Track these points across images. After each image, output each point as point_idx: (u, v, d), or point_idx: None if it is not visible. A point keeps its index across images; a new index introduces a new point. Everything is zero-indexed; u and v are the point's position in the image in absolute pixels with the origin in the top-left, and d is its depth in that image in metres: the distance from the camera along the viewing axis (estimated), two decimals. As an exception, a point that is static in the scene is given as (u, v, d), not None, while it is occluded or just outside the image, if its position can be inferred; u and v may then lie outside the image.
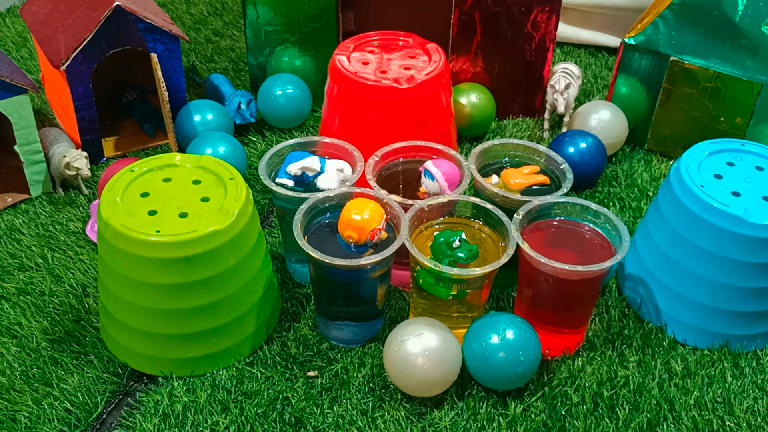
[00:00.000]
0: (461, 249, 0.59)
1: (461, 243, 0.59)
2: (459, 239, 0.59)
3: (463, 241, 0.59)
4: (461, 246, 0.59)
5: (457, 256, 0.59)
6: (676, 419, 0.59)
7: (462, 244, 0.59)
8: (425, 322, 0.60)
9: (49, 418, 0.58)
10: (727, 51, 0.80)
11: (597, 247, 0.63)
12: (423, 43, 0.80)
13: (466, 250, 0.59)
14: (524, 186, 0.67)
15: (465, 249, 0.59)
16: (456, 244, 0.59)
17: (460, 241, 0.59)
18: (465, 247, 0.59)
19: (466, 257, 0.59)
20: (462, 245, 0.59)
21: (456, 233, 0.60)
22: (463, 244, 0.59)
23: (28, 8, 0.87)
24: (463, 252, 0.59)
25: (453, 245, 0.59)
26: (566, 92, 0.86)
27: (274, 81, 0.88)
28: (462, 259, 0.59)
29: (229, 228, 0.58)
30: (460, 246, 0.59)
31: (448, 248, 0.59)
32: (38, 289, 0.69)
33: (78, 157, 0.77)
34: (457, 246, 0.59)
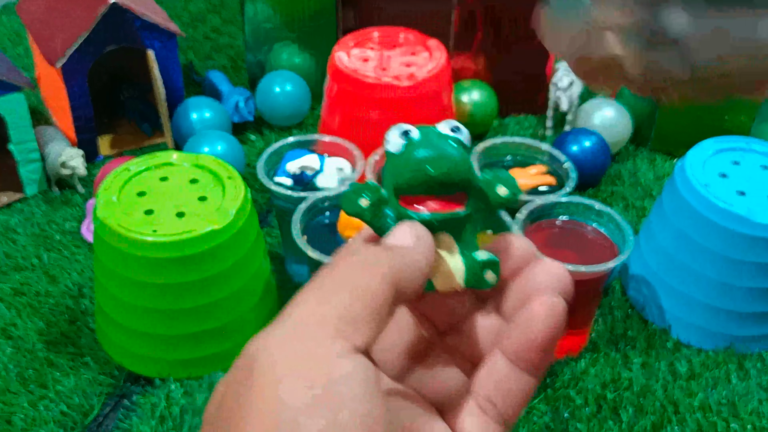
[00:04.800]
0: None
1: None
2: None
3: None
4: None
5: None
6: (680, 421, 0.59)
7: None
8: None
9: (45, 420, 0.58)
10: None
11: (600, 247, 0.62)
12: (424, 40, 0.79)
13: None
14: (531, 187, 0.67)
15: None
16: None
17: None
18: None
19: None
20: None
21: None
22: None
23: (24, 5, 0.86)
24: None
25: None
26: (569, 90, 0.85)
27: (273, 78, 0.87)
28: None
29: (227, 227, 0.57)
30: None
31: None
32: (33, 290, 0.68)
33: (74, 156, 0.76)
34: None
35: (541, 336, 0.24)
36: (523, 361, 0.25)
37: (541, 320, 0.24)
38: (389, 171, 0.26)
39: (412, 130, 0.26)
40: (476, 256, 0.25)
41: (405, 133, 0.26)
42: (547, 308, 0.24)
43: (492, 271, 0.25)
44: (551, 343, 0.25)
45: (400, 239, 0.24)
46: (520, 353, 0.25)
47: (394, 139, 0.26)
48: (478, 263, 0.25)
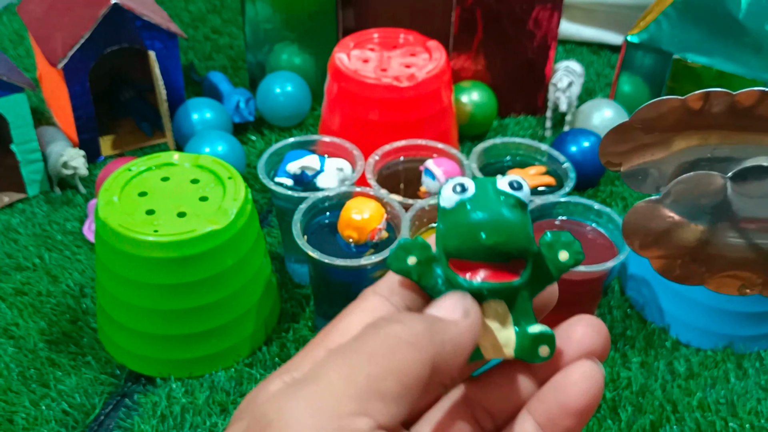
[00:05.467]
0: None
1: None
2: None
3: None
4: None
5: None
6: (679, 420, 0.59)
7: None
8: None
9: (46, 420, 0.58)
10: (731, 49, 0.80)
11: (600, 247, 0.62)
12: (424, 41, 0.80)
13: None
14: (530, 187, 0.67)
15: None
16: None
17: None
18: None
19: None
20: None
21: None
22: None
23: (25, 6, 0.86)
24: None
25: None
26: (568, 90, 0.85)
27: (273, 79, 0.88)
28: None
29: (228, 228, 0.57)
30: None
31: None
32: (35, 290, 0.68)
33: (75, 156, 0.77)
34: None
35: (579, 403, 0.23)
36: (554, 428, 0.23)
37: (579, 386, 0.23)
38: (441, 229, 0.24)
39: (468, 185, 0.23)
40: (529, 328, 0.23)
41: (459, 188, 0.23)
42: (586, 374, 0.23)
43: (547, 346, 0.23)
44: (588, 411, 0.23)
45: (446, 312, 0.22)
46: (554, 419, 0.23)
47: (447, 193, 0.23)
48: (529, 336, 0.23)
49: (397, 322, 0.21)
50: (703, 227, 0.24)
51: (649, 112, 0.25)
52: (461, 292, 0.23)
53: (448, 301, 0.23)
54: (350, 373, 0.20)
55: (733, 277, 0.25)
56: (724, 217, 0.24)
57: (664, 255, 0.25)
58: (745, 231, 0.24)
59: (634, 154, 0.25)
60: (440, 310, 0.23)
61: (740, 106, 0.24)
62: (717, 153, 0.24)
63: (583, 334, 0.24)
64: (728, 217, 0.24)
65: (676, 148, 0.25)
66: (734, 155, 0.24)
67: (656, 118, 0.25)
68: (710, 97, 0.24)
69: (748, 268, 0.24)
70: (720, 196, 0.23)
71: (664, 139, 0.25)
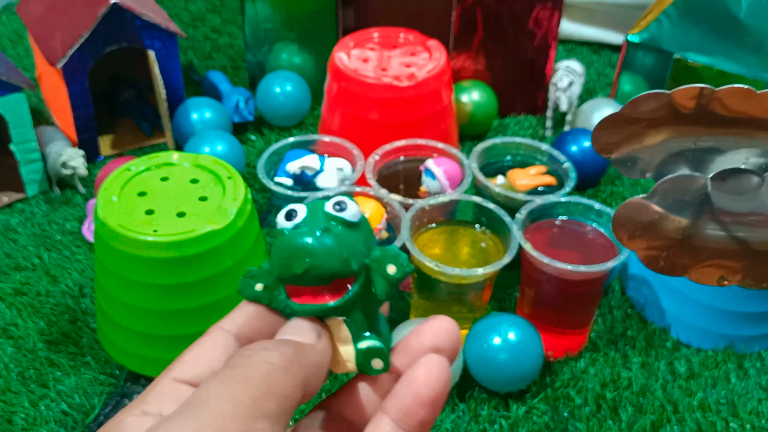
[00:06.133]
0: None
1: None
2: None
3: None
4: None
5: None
6: (679, 421, 0.59)
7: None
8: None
9: (45, 420, 0.58)
10: (731, 49, 0.79)
11: (600, 247, 0.62)
12: (424, 40, 0.79)
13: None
14: (531, 187, 0.67)
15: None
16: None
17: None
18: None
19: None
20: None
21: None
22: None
23: (25, 6, 0.86)
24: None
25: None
26: (569, 90, 0.85)
27: (273, 78, 0.88)
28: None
29: (228, 228, 0.57)
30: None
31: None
32: (34, 290, 0.68)
33: (74, 156, 0.76)
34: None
35: (429, 393, 0.24)
36: (410, 420, 0.24)
37: (427, 377, 0.24)
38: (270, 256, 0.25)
39: (299, 211, 0.25)
40: (359, 344, 0.25)
41: (289, 215, 0.25)
42: (432, 366, 0.24)
43: (380, 359, 0.25)
44: (439, 401, 0.24)
45: (305, 337, 0.24)
46: (408, 411, 0.24)
47: (280, 219, 0.25)
48: (361, 352, 0.25)
49: (266, 349, 0.23)
50: (687, 220, 0.26)
51: (639, 105, 0.27)
52: (310, 317, 0.25)
53: (303, 326, 0.24)
54: (233, 396, 0.21)
55: (715, 266, 0.27)
56: (706, 211, 0.26)
57: (650, 247, 0.27)
58: (725, 223, 0.26)
59: (624, 143, 0.27)
60: (299, 335, 0.24)
61: (720, 102, 0.26)
62: (701, 144, 0.26)
63: (431, 333, 0.25)
64: (710, 211, 0.26)
65: (663, 138, 0.27)
66: (717, 146, 0.26)
67: (645, 111, 0.27)
68: (696, 93, 0.26)
69: (729, 257, 0.26)
70: (702, 193, 0.25)
71: (652, 130, 0.27)
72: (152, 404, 0.23)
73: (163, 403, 0.23)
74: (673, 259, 0.26)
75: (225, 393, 0.21)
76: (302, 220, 0.25)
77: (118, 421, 0.22)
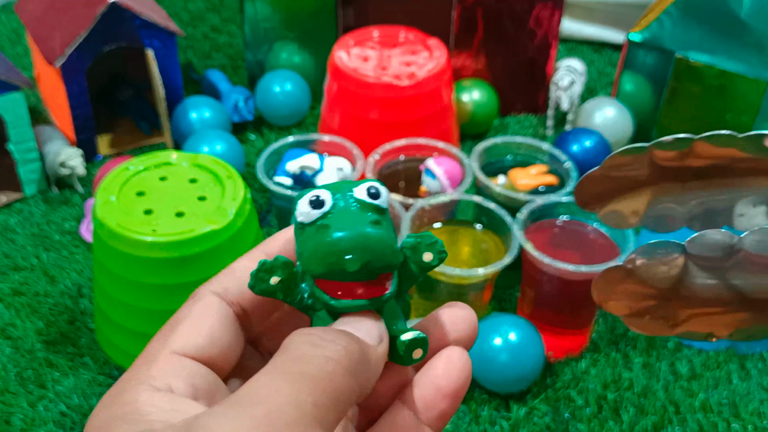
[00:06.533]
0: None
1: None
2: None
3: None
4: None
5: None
6: (681, 422, 0.58)
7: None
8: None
9: (44, 421, 0.57)
10: (733, 48, 0.79)
11: (601, 247, 0.62)
12: (424, 39, 0.79)
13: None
14: (532, 187, 0.66)
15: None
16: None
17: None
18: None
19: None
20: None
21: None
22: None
23: (23, 5, 0.86)
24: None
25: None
26: (570, 89, 0.85)
27: (273, 78, 0.87)
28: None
29: (227, 228, 0.57)
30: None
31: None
32: (33, 290, 0.68)
33: (73, 156, 0.76)
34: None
35: (452, 386, 0.23)
36: (430, 412, 0.23)
37: (450, 370, 0.23)
38: (302, 252, 0.23)
39: (324, 197, 0.23)
40: (402, 336, 0.23)
41: (316, 202, 0.22)
42: (454, 359, 0.23)
43: (421, 348, 0.23)
44: (460, 394, 0.23)
45: (368, 337, 0.22)
46: (429, 403, 0.23)
47: (303, 207, 0.23)
48: (404, 343, 0.23)
49: (334, 342, 0.21)
50: (668, 286, 0.24)
51: (618, 160, 0.25)
52: (374, 315, 0.23)
53: (366, 324, 0.22)
54: (298, 399, 0.19)
55: (702, 321, 0.25)
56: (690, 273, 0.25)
57: (633, 311, 0.25)
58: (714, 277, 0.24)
59: (608, 199, 0.26)
60: (361, 332, 0.22)
61: (702, 148, 0.24)
62: (693, 210, 0.25)
63: (450, 321, 0.24)
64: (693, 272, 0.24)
65: (648, 197, 0.25)
66: (710, 206, 0.25)
67: (625, 166, 0.25)
68: (675, 142, 0.25)
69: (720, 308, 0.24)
70: (679, 267, 0.24)
71: (635, 189, 0.25)
72: (159, 379, 0.21)
73: (172, 379, 0.21)
74: (656, 323, 0.25)
75: (289, 393, 0.19)
76: (331, 209, 0.22)
77: (131, 401, 0.20)
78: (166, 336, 0.22)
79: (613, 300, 0.25)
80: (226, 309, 0.23)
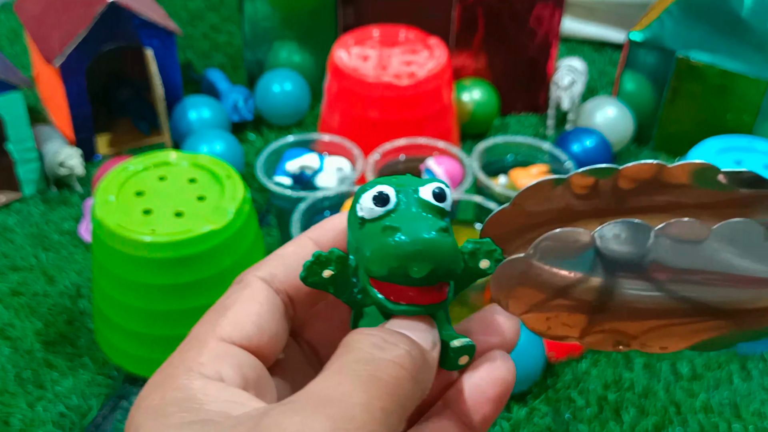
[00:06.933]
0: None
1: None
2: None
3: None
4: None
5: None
6: (682, 422, 0.58)
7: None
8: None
9: (43, 421, 0.57)
10: (734, 47, 0.79)
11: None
12: (424, 38, 0.79)
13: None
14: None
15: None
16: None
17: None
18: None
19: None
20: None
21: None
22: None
23: (22, 4, 0.85)
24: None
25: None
26: (571, 89, 0.85)
27: (272, 77, 0.87)
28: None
29: (226, 227, 0.57)
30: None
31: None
32: (31, 290, 0.68)
33: (72, 155, 0.76)
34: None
35: (496, 391, 0.23)
36: (474, 416, 0.23)
37: (490, 375, 0.23)
38: (362, 244, 0.22)
39: (389, 194, 0.22)
40: (451, 343, 0.23)
41: (380, 199, 0.22)
42: (495, 363, 0.23)
43: (468, 355, 0.23)
44: (503, 398, 0.23)
45: (424, 342, 0.22)
46: (473, 407, 0.23)
47: (367, 204, 0.22)
48: (453, 349, 0.23)
49: (397, 346, 0.20)
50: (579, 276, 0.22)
51: (531, 196, 0.23)
52: (429, 320, 0.22)
53: (422, 329, 0.22)
54: (369, 403, 0.19)
55: (608, 332, 0.23)
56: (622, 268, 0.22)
57: (533, 309, 0.23)
58: (660, 282, 0.22)
59: (516, 239, 0.24)
60: (418, 337, 0.22)
61: (627, 181, 0.22)
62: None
63: (494, 326, 0.24)
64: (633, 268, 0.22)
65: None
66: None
67: (537, 203, 0.23)
68: (593, 179, 0.23)
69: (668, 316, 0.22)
70: (587, 251, 0.21)
71: (547, 225, 0.22)
72: (209, 366, 0.20)
73: (222, 367, 0.21)
74: (561, 328, 0.23)
75: (361, 396, 0.19)
76: (395, 207, 0.22)
77: (183, 387, 0.20)
78: (214, 322, 0.22)
79: (514, 301, 0.23)
80: (273, 296, 0.23)
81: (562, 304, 0.22)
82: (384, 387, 0.19)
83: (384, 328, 0.22)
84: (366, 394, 0.19)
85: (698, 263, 0.21)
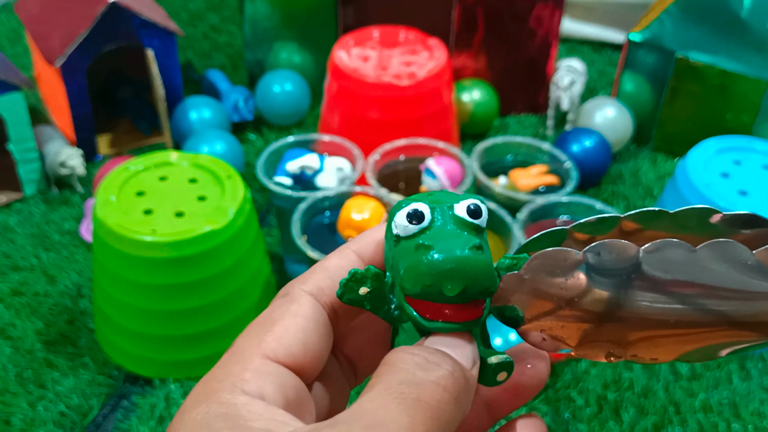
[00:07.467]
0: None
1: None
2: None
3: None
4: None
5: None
6: (681, 422, 0.58)
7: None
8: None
9: (43, 421, 0.57)
10: (734, 47, 0.79)
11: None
12: (424, 39, 0.79)
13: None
14: (533, 187, 0.66)
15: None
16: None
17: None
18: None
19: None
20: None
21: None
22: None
23: (23, 4, 0.86)
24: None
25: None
26: (570, 89, 0.85)
27: (273, 77, 0.87)
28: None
29: (227, 228, 0.57)
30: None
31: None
32: (32, 290, 0.68)
33: (72, 155, 0.76)
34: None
35: None
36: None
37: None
38: (397, 261, 0.22)
39: (423, 211, 0.22)
40: (489, 359, 0.23)
41: (415, 216, 0.22)
42: (529, 427, 0.23)
43: (506, 372, 0.23)
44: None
45: (464, 360, 0.21)
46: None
47: (401, 221, 0.22)
48: (490, 366, 0.23)
49: (439, 366, 0.20)
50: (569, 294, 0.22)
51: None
52: (468, 337, 0.22)
53: (461, 346, 0.22)
54: (413, 427, 0.19)
55: (601, 342, 0.23)
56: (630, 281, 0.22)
57: (532, 320, 0.23)
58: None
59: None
60: (458, 355, 0.22)
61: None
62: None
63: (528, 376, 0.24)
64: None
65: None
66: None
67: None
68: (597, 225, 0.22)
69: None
70: (575, 270, 0.21)
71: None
72: (252, 383, 0.20)
73: (265, 385, 0.20)
74: (553, 341, 0.23)
75: (406, 420, 0.19)
76: (429, 224, 0.22)
77: (228, 402, 0.20)
78: (260, 337, 0.22)
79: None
80: (320, 313, 0.23)
81: (565, 314, 0.22)
82: (428, 410, 0.19)
83: (426, 347, 0.21)
84: (411, 418, 0.19)
85: (689, 277, 0.21)
